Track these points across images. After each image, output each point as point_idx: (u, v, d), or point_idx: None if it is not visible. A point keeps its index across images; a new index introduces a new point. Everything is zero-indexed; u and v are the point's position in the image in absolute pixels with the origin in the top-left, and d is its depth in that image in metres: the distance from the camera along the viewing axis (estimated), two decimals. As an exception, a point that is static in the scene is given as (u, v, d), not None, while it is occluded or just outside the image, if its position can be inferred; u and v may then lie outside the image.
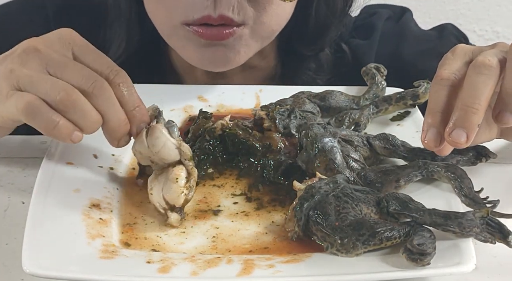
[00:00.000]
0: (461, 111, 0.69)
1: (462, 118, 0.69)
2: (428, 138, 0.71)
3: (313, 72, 1.08)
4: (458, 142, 0.69)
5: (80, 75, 0.72)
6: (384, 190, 0.75)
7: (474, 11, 2.17)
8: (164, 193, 0.74)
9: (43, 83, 0.71)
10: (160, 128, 0.75)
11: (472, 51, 0.75)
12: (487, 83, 0.70)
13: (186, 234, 0.73)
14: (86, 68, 0.73)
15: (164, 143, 0.74)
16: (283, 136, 0.84)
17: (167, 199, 0.74)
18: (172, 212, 0.74)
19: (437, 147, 0.71)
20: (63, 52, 0.74)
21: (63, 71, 0.72)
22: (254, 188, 0.80)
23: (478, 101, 0.69)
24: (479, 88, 0.69)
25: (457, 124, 0.69)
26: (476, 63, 0.71)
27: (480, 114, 0.69)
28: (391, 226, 0.68)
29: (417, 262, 0.64)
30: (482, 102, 0.69)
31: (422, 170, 0.77)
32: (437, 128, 0.71)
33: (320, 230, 0.69)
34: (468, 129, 0.69)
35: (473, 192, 0.74)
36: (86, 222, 0.72)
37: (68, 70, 0.72)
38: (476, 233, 0.67)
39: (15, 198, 0.81)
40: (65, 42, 0.74)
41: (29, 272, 0.64)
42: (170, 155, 0.75)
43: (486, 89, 0.70)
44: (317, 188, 0.71)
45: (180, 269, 0.66)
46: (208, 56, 0.94)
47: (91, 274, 0.64)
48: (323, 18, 1.04)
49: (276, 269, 0.66)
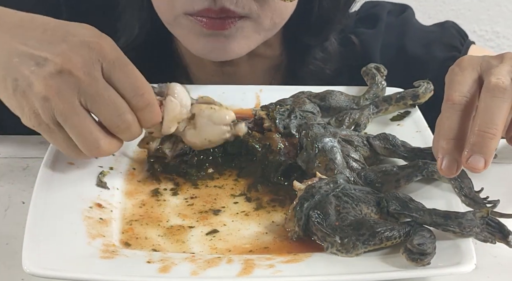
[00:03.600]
0: (478, 137, 0.68)
1: (479, 144, 0.68)
2: (444, 166, 0.70)
3: (320, 62, 1.08)
4: (477, 168, 0.68)
5: (109, 113, 0.73)
6: (384, 190, 0.75)
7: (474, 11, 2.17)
8: (217, 122, 0.80)
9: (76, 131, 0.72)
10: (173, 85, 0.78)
11: (479, 65, 0.74)
12: (502, 106, 0.69)
13: (186, 234, 0.73)
14: (114, 101, 0.73)
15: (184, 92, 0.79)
16: (283, 136, 0.84)
17: (224, 123, 0.80)
18: (237, 125, 0.81)
19: (454, 174, 0.70)
20: (93, 73, 0.72)
21: (93, 104, 0.72)
22: (253, 188, 0.80)
23: (495, 126, 0.68)
24: (494, 113, 0.68)
25: (474, 150, 0.68)
26: (489, 85, 0.70)
27: (497, 138, 0.68)
28: (391, 226, 0.68)
29: (417, 262, 0.64)
30: (499, 126, 0.68)
31: (422, 170, 0.77)
32: (453, 154, 0.70)
33: (320, 230, 0.69)
34: (486, 154, 0.68)
35: (473, 192, 0.74)
36: (86, 222, 0.72)
37: (98, 104, 0.72)
38: (476, 233, 0.67)
39: (15, 198, 0.81)
40: (95, 59, 0.72)
41: (29, 272, 0.64)
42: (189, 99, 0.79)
43: (502, 113, 0.69)
44: (317, 188, 0.71)
45: (180, 269, 0.66)
46: (209, 45, 0.95)
47: (91, 274, 0.64)
48: (327, 10, 1.04)
49: (276, 269, 0.66)
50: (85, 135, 0.72)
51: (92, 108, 0.72)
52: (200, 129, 0.80)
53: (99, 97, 0.72)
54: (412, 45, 1.11)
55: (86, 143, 0.73)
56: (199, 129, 0.80)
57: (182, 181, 0.82)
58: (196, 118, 0.79)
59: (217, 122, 0.80)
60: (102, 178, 0.79)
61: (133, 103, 0.73)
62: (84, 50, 0.72)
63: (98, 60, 0.72)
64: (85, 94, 0.72)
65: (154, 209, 0.77)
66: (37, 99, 0.71)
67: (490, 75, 0.71)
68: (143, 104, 0.74)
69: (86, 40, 0.73)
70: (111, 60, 0.73)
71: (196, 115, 0.80)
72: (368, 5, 1.16)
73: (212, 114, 0.80)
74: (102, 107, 0.72)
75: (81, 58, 0.72)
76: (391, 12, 1.15)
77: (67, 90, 0.71)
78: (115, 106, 0.73)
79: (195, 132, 0.80)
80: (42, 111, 0.72)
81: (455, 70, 0.75)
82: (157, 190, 0.80)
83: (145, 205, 0.77)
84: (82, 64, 0.72)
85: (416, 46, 1.11)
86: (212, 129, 0.80)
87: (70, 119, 0.72)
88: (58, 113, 0.71)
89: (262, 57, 1.08)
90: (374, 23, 1.13)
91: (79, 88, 0.71)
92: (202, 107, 0.80)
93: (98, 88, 0.72)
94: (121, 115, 0.73)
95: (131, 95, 0.73)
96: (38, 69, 0.72)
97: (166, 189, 0.80)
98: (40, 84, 0.71)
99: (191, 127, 0.80)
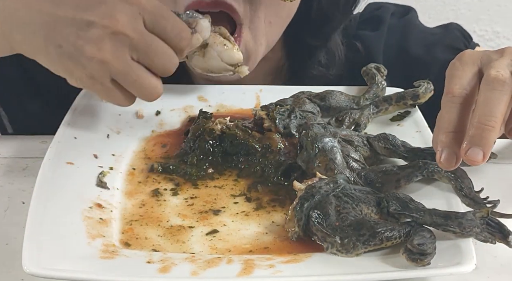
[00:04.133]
0: (477, 129, 0.68)
1: (478, 137, 0.68)
2: (444, 159, 0.70)
3: (324, 67, 1.08)
4: (475, 160, 0.68)
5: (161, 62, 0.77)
6: (384, 190, 0.75)
7: (474, 11, 2.17)
8: (225, 60, 0.85)
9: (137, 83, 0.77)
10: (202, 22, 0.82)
11: (480, 59, 0.74)
12: (502, 99, 0.69)
13: (187, 234, 0.73)
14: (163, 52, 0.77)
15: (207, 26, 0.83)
16: (283, 136, 0.84)
17: (230, 63, 0.85)
18: (240, 67, 0.85)
19: (453, 167, 0.70)
20: (139, 27, 0.75)
21: (145, 57, 0.76)
22: (253, 189, 0.80)
23: (494, 119, 0.68)
24: (493, 105, 0.69)
25: (473, 143, 0.68)
26: (488, 78, 0.70)
27: (496, 131, 0.68)
28: (391, 226, 0.68)
29: (417, 262, 0.64)
30: (498, 119, 0.68)
31: (422, 170, 0.77)
32: (452, 147, 0.70)
33: (320, 230, 0.69)
34: (485, 147, 0.68)
35: (473, 192, 0.74)
36: (86, 222, 0.72)
37: (150, 56, 0.76)
38: (476, 233, 0.67)
39: (15, 198, 0.81)
40: (136, 13, 0.75)
41: (29, 272, 0.64)
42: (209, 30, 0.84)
43: (501, 105, 0.69)
44: (317, 188, 0.71)
45: (180, 269, 0.66)
46: None
47: (91, 274, 0.64)
48: (326, 8, 1.05)
49: (276, 269, 0.66)
50: (145, 86, 0.77)
51: (145, 60, 0.76)
52: (207, 59, 0.85)
53: (150, 50, 0.76)
54: (415, 46, 1.11)
55: (148, 91, 0.77)
56: (206, 58, 0.85)
57: (182, 181, 0.81)
58: (207, 48, 0.84)
59: (224, 59, 0.85)
60: (102, 178, 0.79)
61: (178, 47, 0.78)
62: (125, 8, 0.75)
63: (139, 13, 0.75)
64: (136, 50, 0.75)
65: (154, 209, 0.77)
66: (92, 63, 0.74)
67: (489, 68, 0.71)
68: (184, 44, 0.79)
69: None
70: (151, 11, 0.76)
71: (208, 45, 0.84)
72: (371, 7, 1.16)
73: (223, 52, 0.84)
74: (155, 59, 0.76)
75: (125, 16, 0.74)
76: (395, 14, 1.15)
77: (121, 50, 0.74)
78: (165, 55, 0.77)
79: (202, 60, 0.85)
80: (99, 73, 0.75)
81: (455, 64, 0.75)
82: (157, 190, 0.80)
83: (145, 205, 0.77)
84: (127, 22, 0.74)
85: (418, 47, 1.11)
86: (218, 64, 0.85)
87: (129, 76, 0.76)
88: (115, 72, 0.75)
89: (264, 60, 1.08)
90: (377, 25, 1.13)
91: (130, 45, 0.75)
92: (216, 40, 0.84)
93: (147, 41, 0.76)
94: (171, 63, 0.78)
95: (176, 40, 0.78)
96: (85, 33, 0.74)
97: (166, 189, 0.80)
98: (92, 48, 0.74)
99: (200, 55, 0.84)
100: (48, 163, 0.78)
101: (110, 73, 0.75)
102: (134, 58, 0.76)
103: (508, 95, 0.70)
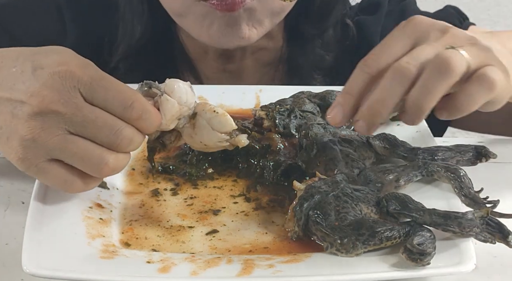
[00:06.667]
0: (367, 109, 0.71)
1: (366, 116, 0.71)
2: (332, 113, 0.74)
3: (321, 49, 1.10)
4: (361, 132, 0.73)
5: (105, 134, 0.69)
6: (384, 190, 0.75)
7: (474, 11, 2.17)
8: (216, 128, 0.75)
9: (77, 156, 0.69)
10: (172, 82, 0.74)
11: (420, 33, 0.73)
12: (397, 90, 0.70)
13: (186, 234, 0.73)
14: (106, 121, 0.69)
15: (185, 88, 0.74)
16: (283, 136, 0.84)
17: (222, 131, 0.75)
18: (238, 136, 0.76)
19: (337, 124, 0.74)
20: (73, 101, 0.68)
21: (84, 130, 0.69)
22: (253, 189, 0.80)
23: (384, 108, 0.70)
24: (388, 95, 0.70)
25: (361, 118, 0.72)
26: (395, 66, 0.70)
27: (384, 116, 0.71)
28: (391, 226, 0.68)
29: (417, 262, 0.64)
30: (387, 108, 0.70)
31: (422, 170, 0.77)
32: (343, 107, 0.73)
33: (320, 230, 0.69)
34: (369, 125, 0.72)
35: (473, 192, 0.74)
36: (86, 222, 0.72)
37: (89, 129, 0.69)
38: (476, 233, 0.67)
39: (15, 198, 0.81)
40: (70, 87, 0.69)
41: (29, 272, 0.64)
42: (193, 96, 0.75)
43: (393, 97, 0.70)
44: (317, 188, 0.71)
45: (180, 269, 0.66)
46: (221, 31, 0.96)
47: (91, 274, 0.64)
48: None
49: (276, 269, 0.66)
50: (88, 156, 0.69)
51: (85, 134, 0.69)
52: (198, 130, 0.76)
53: (88, 122, 0.68)
54: None
55: (93, 163, 0.69)
56: (197, 130, 0.76)
57: (182, 181, 0.82)
58: (196, 118, 0.76)
59: (215, 127, 0.76)
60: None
61: (127, 117, 0.70)
62: (56, 82, 0.69)
63: (74, 86, 0.69)
64: (72, 124, 0.68)
65: (154, 209, 0.77)
66: (24, 142, 0.68)
67: (408, 55, 0.71)
68: (137, 114, 0.70)
69: (55, 70, 0.69)
70: (87, 81, 0.69)
71: (197, 114, 0.76)
72: None
73: (213, 119, 0.75)
74: (95, 131, 0.69)
75: (55, 92, 0.68)
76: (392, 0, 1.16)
77: (53, 125, 0.68)
78: (108, 125, 0.69)
79: (193, 132, 0.76)
80: (32, 153, 0.68)
81: (395, 32, 0.74)
82: (157, 190, 0.80)
83: (145, 205, 0.77)
84: (58, 97, 0.68)
85: None
86: (209, 134, 0.76)
87: (67, 148, 0.69)
88: (51, 148, 0.68)
89: (264, 51, 1.09)
90: (375, 9, 1.15)
91: (64, 121, 0.68)
92: (205, 108, 0.76)
93: (84, 113, 0.68)
94: (118, 132, 0.69)
95: (121, 109, 0.69)
96: (17, 113, 0.69)
97: (166, 189, 0.80)
98: (23, 128, 0.68)
99: (190, 126, 0.76)
100: (48, 163, 0.78)
101: (44, 149, 0.68)
102: (73, 133, 0.69)
103: (405, 87, 0.70)
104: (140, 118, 0.70)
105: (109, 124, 0.69)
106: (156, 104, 0.73)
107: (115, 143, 0.69)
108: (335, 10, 1.08)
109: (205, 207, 0.77)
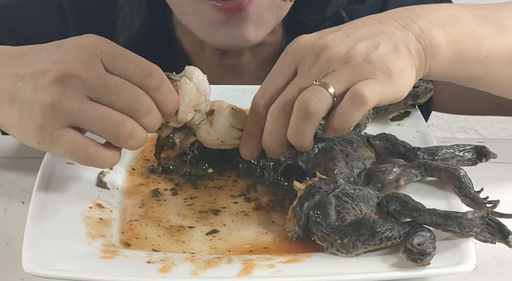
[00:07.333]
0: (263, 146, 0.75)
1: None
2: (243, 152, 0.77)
3: None
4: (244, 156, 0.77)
5: (125, 100, 0.70)
6: (384, 190, 0.75)
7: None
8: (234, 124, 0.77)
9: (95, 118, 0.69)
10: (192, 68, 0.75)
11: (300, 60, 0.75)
12: (277, 130, 0.73)
13: (186, 234, 0.73)
14: (126, 88, 0.70)
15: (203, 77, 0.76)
16: (283, 136, 0.84)
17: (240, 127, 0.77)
18: None
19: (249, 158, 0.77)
20: (96, 68, 0.70)
21: (104, 96, 0.70)
22: (253, 189, 0.80)
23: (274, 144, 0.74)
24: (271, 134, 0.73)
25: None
26: (271, 110, 0.73)
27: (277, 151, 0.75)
28: (391, 226, 0.68)
29: (417, 262, 0.64)
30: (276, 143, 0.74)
31: (422, 170, 0.77)
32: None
33: (320, 230, 0.69)
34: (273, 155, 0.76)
35: (473, 192, 0.74)
36: (86, 222, 0.72)
37: (110, 95, 0.70)
38: (476, 233, 0.67)
39: (15, 198, 0.81)
40: (93, 56, 0.71)
41: (29, 272, 0.64)
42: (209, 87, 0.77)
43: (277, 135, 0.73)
44: (317, 188, 0.71)
45: (180, 269, 0.66)
46: (227, 33, 0.96)
47: (91, 274, 0.64)
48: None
49: (276, 269, 0.66)
50: (106, 117, 0.69)
51: (105, 100, 0.70)
52: (216, 127, 0.77)
53: (109, 87, 0.70)
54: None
55: (110, 124, 0.69)
56: (215, 127, 0.77)
57: (182, 181, 0.82)
58: (214, 115, 0.77)
59: (235, 124, 0.77)
60: (102, 178, 0.79)
61: (146, 84, 0.71)
62: (80, 51, 0.71)
63: (96, 56, 0.71)
64: (93, 89, 0.69)
65: (154, 209, 0.77)
66: (43, 110, 0.69)
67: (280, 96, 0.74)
68: (156, 83, 0.71)
69: (79, 42, 0.72)
70: (110, 52, 0.71)
71: (215, 111, 0.77)
72: None
73: (233, 115, 0.77)
74: (116, 96, 0.70)
75: (79, 59, 0.70)
76: None
77: (73, 91, 0.69)
78: (129, 91, 0.70)
79: (210, 129, 0.77)
80: (50, 119, 0.69)
81: (278, 62, 0.77)
82: (157, 190, 0.80)
83: (145, 205, 0.77)
84: (81, 64, 0.70)
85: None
86: (228, 130, 0.77)
87: (86, 111, 0.69)
88: (70, 113, 0.69)
89: (263, 46, 1.09)
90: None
91: (85, 86, 0.69)
92: (223, 105, 0.77)
93: (105, 79, 0.70)
94: (138, 97, 0.70)
95: (141, 76, 0.71)
96: (39, 84, 0.70)
97: (166, 189, 0.80)
98: (44, 95, 0.69)
99: (207, 123, 0.77)
100: (48, 163, 0.78)
101: (64, 115, 0.69)
102: (92, 99, 0.70)
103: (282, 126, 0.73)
104: (159, 88, 0.71)
105: (130, 89, 0.70)
106: (175, 87, 0.74)
107: (134, 108, 0.70)
108: (333, 1, 1.08)
109: (205, 207, 0.77)
